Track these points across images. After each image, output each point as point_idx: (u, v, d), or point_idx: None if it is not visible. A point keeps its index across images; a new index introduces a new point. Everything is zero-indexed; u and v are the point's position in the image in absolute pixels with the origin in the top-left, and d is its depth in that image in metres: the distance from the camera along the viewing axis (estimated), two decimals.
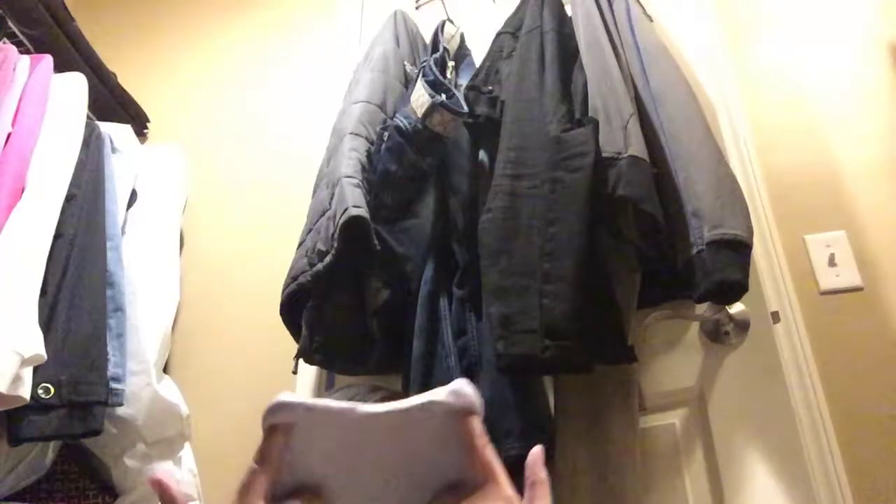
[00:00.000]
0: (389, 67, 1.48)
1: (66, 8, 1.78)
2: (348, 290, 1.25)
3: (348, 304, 1.24)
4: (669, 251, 1.16)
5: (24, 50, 1.59)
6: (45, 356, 1.14)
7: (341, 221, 1.17)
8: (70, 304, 1.27)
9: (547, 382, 1.22)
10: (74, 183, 1.39)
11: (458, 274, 1.26)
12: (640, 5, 1.44)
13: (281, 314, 1.30)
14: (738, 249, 1.09)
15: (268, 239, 1.72)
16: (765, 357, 1.22)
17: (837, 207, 1.32)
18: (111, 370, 1.29)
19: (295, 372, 1.36)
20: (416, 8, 1.93)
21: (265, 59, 2.07)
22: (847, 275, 1.26)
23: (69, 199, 1.36)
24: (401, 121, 1.30)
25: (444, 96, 1.32)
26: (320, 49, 1.98)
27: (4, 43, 1.57)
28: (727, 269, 1.07)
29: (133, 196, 1.62)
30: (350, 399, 0.74)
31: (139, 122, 1.99)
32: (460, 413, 0.50)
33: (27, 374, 1.11)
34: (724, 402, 1.24)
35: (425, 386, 1.16)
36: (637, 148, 1.15)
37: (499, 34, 1.51)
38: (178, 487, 0.49)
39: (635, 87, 1.27)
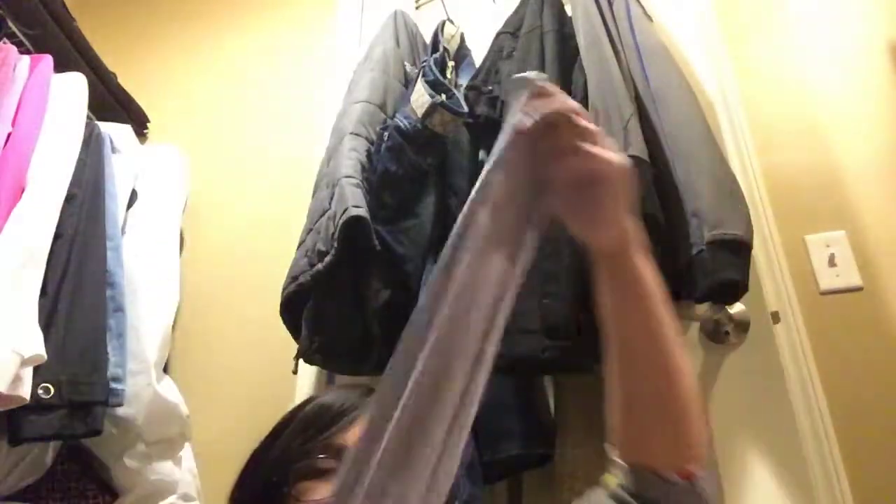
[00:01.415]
0: (389, 67, 1.48)
1: (66, 8, 1.78)
2: (348, 290, 1.25)
3: (348, 304, 1.24)
4: (669, 251, 1.16)
5: (24, 50, 1.59)
6: (45, 356, 1.14)
7: (341, 221, 1.17)
8: (70, 304, 1.26)
9: (547, 383, 1.22)
10: (74, 183, 1.39)
11: None
12: (640, 5, 1.44)
13: (281, 314, 1.30)
14: (738, 250, 1.10)
15: (268, 239, 1.72)
16: (765, 357, 1.22)
17: (837, 207, 1.32)
18: (111, 370, 1.29)
19: (295, 372, 1.36)
20: (416, 8, 1.93)
21: (265, 59, 2.07)
22: (847, 275, 1.26)
23: (69, 199, 1.36)
24: (401, 121, 1.30)
25: (444, 96, 1.32)
26: (320, 49, 1.98)
27: (4, 43, 1.57)
28: (727, 269, 1.08)
29: (133, 196, 1.62)
30: (342, 403, 0.74)
31: (139, 122, 1.99)
32: None
33: (27, 374, 1.11)
34: (724, 402, 1.24)
35: None
36: (637, 148, 1.15)
37: (499, 34, 1.51)
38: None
39: (635, 87, 1.27)
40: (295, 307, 1.28)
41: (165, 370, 1.48)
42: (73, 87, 1.55)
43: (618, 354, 0.63)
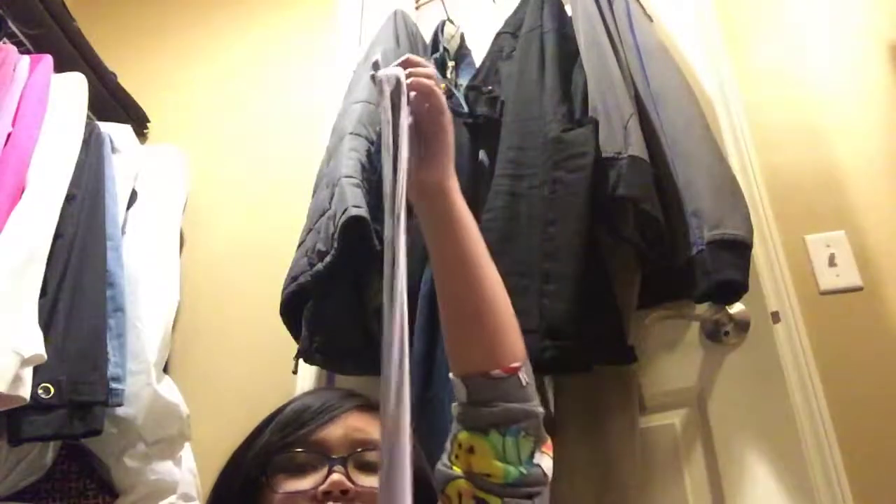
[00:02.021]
0: None
1: (66, 8, 1.78)
2: (348, 290, 1.25)
3: (348, 304, 1.24)
4: (669, 251, 1.16)
5: (24, 50, 1.59)
6: (45, 356, 1.14)
7: (341, 221, 1.17)
8: (70, 304, 1.27)
9: (547, 383, 1.22)
10: (74, 183, 1.39)
11: None
12: (640, 5, 1.44)
13: (281, 314, 1.30)
14: (738, 249, 1.10)
15: (268, 239, 1.72)
16: (765, 357, 1.22)
17: (837, 207, 1.32)
18: (111, 370, 1.29)
19: (295, 372, 1.36)
20: (416, 8, 1.93)
21: (265, 59, 2.07)
22: (847, 275, 1.26)
23: (69, 199, 1.36)
24: None
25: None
26: (320, 49, 1.98)
27: (4, 43, 1.57)
28: (727, 269, 1.08)
29: (133, 196, 1.62)
30: (324, 402, 0.75)
31: (139, 122, 1.99)
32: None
33: (27, 374, 1.11)
34: (724, 402, 1.24)
35: (424, 387, 1.16)
36: (637, 148, 1.15)
37: (499, 34, 1.51)
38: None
39: (635, 87, 1.27)
40: (295, 307, 1.28)
41: (165, 370, 1.48)
42: (73, 87, 1.56)
43: (441, 279, 0.75)
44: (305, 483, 0.68)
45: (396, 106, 0.66)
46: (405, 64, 0.73)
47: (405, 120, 0.65)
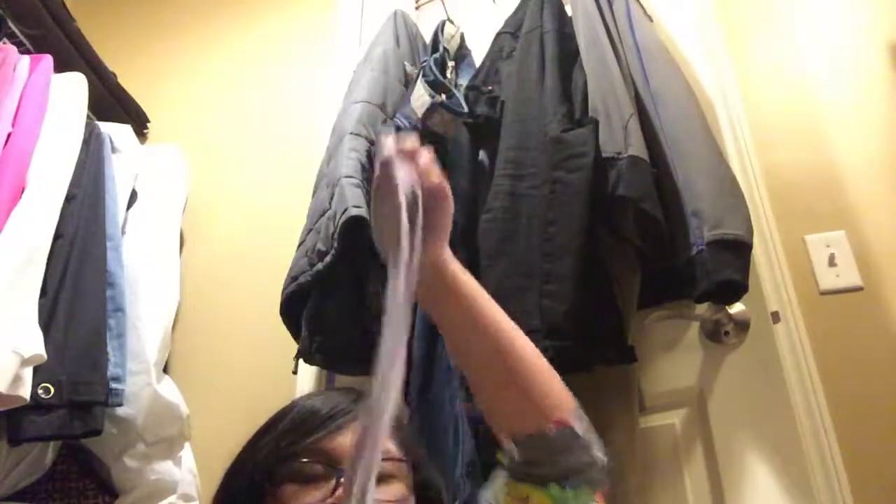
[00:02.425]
0: (389, 67, 1.48)
1: (66, 8, 1.78)
2: (348, 290, 1.25)
3: (349, 304, 1.24)
4: (669, 251, 1.16)
5: (24, 50, 1.59)
6: (45, 356, 1.14)
7: (341, 221, 1.18)
8: (70, 304, 1.27)
9: None
10: (74, 183, 1.39)
11: None
12: (640, 5, 1.44)
13: (281, 314, 1.30)
14: (738, 249, 1.09)
15: (268, 239, 1.72)
16: (765, 357, 1.22)
17: (837, 207, 1.32)
18: (111, 370, 1.29)
19: (295, 372, 1.36)
20: (416, 8, 1.93)
21: (265, 59, 2.07)
22: (847, 275, 1.26)
23: (69, 199, 1.36)
24: (401, 121, 1.30)
25: (444, 96, 1.32)
26: (320, 49, 1.98)
27: (4, 43, 1.57)
28: (727, 269, 1.08)
29: (133, 196, 1.62)
30: (332, 408, 0.73)
31: (139, 122, 1.99)
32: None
33: (27, 374, 1.11)
34: (724, 402, 1.24)
35: (425, 387, 1.16)
36: (637, 148, 1.15)
37: (499, 34, 1.51)
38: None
39: (635, 87, 1.27)
40: (295, 307, 1.28)
41: (165, 370, 1.48)
42: (73, 87, 1.55)
43: (462, 354, 0.71)
44: (313, 496, 0.67)
45: (411, 222, 0.62)
46: (405, 155, 0.65)
47: (418, 243, 0.62)
